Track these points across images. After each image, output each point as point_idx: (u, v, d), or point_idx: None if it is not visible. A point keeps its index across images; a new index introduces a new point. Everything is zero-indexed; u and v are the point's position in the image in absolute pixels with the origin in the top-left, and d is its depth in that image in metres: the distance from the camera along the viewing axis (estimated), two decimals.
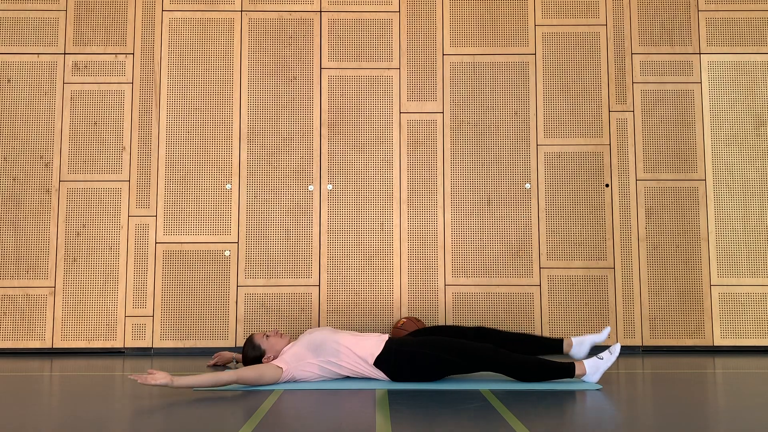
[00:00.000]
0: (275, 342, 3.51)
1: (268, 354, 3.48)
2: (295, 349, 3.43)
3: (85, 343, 4.69)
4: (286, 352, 3.43)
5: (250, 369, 3.27)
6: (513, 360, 3.37)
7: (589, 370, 3.39)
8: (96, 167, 4.82)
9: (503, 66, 4.94)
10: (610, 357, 3.41)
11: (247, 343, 3.58)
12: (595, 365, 3.39)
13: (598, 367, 3.39)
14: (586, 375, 3.39)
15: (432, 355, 3.37)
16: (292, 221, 4.81)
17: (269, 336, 3.54)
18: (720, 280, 4.78)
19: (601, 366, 3.39)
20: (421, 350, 3.39)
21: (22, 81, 4.87)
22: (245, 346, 3.58)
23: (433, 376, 3.43)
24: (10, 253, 4.75)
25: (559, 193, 4.85)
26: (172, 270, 4.75)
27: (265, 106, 4.88)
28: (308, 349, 3.42)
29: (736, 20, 4.96)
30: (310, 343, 3.44)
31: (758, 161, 4.87)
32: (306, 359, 3.40)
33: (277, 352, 3.49)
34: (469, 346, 3.39)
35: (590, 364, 3.40)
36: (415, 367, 3.39)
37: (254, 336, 3.57)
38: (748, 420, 2.68)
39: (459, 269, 4.78)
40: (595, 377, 3.39)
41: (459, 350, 3.37)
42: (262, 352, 3.50)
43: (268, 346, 3.50)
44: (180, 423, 2.64)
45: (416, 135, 4.88)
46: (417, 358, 3.38)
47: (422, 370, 3.40)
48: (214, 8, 4.94)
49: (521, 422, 2.57)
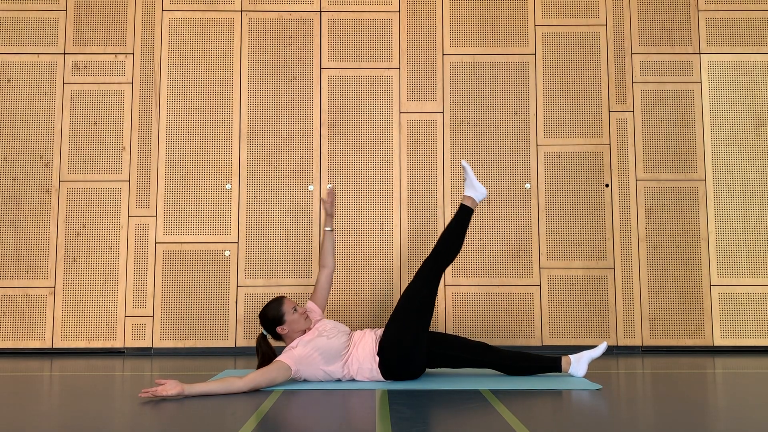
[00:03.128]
0: (297, 319, 3.46)
1: (284, 327, 3.44)
2: (307, 351, 3.37)
3: (85, 343, 4.69)
4: (297, 347, 3.38)
5: (261, 375, 3.23)
6: (501, 354, 3.56)
7: (573, 360, 3.55)
8: (96, 167, 4.82)
9: (503, 66, 4.94)
10: (596, 349, 3.56)
11: (275, 302, 3.50)
12: (578, 356, 3.56)
13: (581, 357, 3.54)
14: (571, 365, 3.53)
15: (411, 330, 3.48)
16: (292, 221, 4.81)
17: (297, 311, 3.48)
18: (720, 280, 4.78)
19: (585, 355, 3.55)
20: (400, 332, 3.48)
21: (22, 81, 4.87)
22: (272, 303, 3.50)
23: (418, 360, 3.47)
24: (10, 253, 4.75)
25: (559, 193, 4.85)
26: (172, 270, 4.75)
27: (265, 106, 4.88)
28: (320, 355, 3.39)
29: (736, 20, 4.96)
30: (323, 350, 3.39)
31: (758, 161, 4.87)
32: (316, 364, 3.39)
33: (293, 331, 3.45)
34: (461, 340, 3.58)
35: (574, 357, 3.56)
36: (407, 361, 3.45)
37: (285, 302, 3.49)
38: (748, 420, 2.68)
39: (459, 269, 4.78)
40: (580, 367, 3.52)
41: (440, 334, 3.60)
42: (282, 320, 3.44)
43: (289, 320, 3.45)
44: (180, 423, 2.64)
45: (416, 135, 4.88)
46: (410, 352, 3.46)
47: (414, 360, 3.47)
48: (214, 8, 4.94)
49: (521, 422, 2.57)
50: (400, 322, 3.50)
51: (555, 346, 4.71)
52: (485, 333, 4.71)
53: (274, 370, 3.28)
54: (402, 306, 3.55)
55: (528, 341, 4.73)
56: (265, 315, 3.49)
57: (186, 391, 3.03)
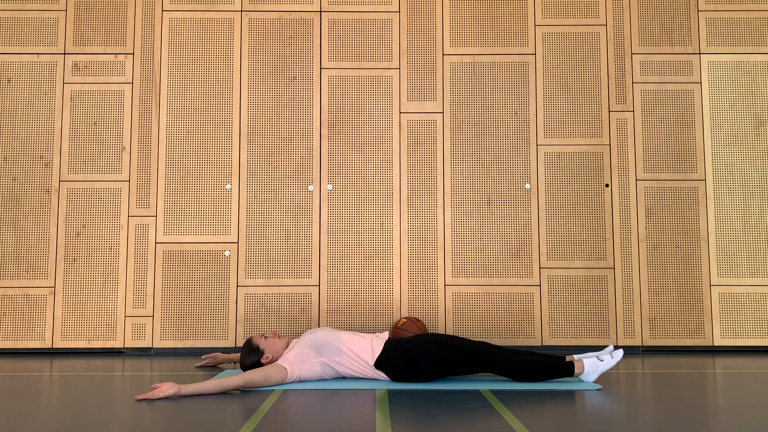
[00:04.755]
0: (273, 342, 3.50)
1: (267, 354, 3.46)
2: (297, 350, 3.42)
3: (85, 343, 4.69)
4: (288, 353, 3.42)
5: (257, 372, 3.26)
6: (513, 360, 3.38)
7: (587, 369, 3.41)
8: (96, 167, 4.82)
9: (503, 66, 4.94)
10: (610, 361, 3.42)
11: (245, 346, 3.53)
12: (594, 366, 3.41)
13: (596, 368, 3.40)
14: (584, 374, 3.40)
15: (431, 353, 3.38)
16: (292, 221, 4.81)
17: (267, 337, 3.52)
18: (720, 280, 4.78)
19: (600, 367, 3.40)
20: (421, 348, 3.40)
21: (22, 81, 4.87)
22: (243, 349, 3.54)
23: (432, 375, 3.43)
24: (10, 253, 4.75)
25: (559, 193, 4.85)
26: (172, 270, 4.75)
27: (265, 106, 4.88)
28: (311, 348, 3.42)
29: (736, 20, 4.96)
30: (312, 342, 3.44)
31: (758, 161, 4.87)
32: (309, 359, 3.40)
33: (276, 353, 3.48)
34: (469, 345, 3.41)
35: (589, 364, 3.41)
36: (413, 366, 3.39)
37: (252, 338, 3.54)
38: (748, 420, 2.68)
39: (459, 269, 4.78)
40: (593, 377, 3.40)
41: (458, 349, 3.39)
42: (261, 352, 3.48)
43: (266, 346, 3.48)
44: (180, 423, 2.64)
45: (416, 135, 4.88)
46: (416, 356, 3.39)
47: (421, 368, 3.40)
48: (214, 8, 4.94)
49: (521, 422, 2.57)
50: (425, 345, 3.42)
51: (555, 346, 4.71)
52: (485, 333, 4.71)
53: (269, 368, 3.30)
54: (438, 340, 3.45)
55: (528, 341, 4.73)
56: (245, 362, 3.49)
57: (182, 390, 3.04)
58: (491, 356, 3.38)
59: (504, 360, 3.37)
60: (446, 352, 3.38)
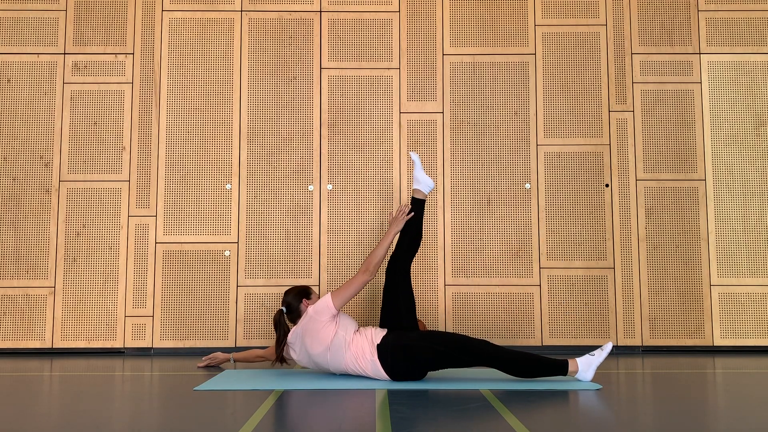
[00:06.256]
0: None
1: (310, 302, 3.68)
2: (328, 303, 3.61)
3: (85, 343, 4.69)
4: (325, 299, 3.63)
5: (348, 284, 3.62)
6: (509, 355, 3.43)
7: (581, 367, 3.44)
8: (96, 167, 4.82)
9: (503, 66, 4.94)
10: (601, 353, 3.47)
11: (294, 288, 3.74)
12: (587, 362, 3.45)
13: (590, 364, 3.44)
14: (579, 372, 3.42)
15: (428, 347, 3.41)
16: (292, 221, 4.81)
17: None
18: (720, 280, 4.78)
19: (593, 362, 3.45)
20: (418, 342, 3.45)
21: (22, 81, 4.87)
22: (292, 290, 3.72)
23: (428, 367, 3.47)
24: (10, 253, 4.75)
25: (559, 193, 4.85)
26: (172, 270, 4.75)
27: (265, 106, 4.88)
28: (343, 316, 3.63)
29: (736, 20, 4.96)
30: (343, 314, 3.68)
31: (758, 161, 4.87)
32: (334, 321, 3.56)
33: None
34: (466, 340, 3.46)
35: (583, 361, 3.45)
36: (411, 359, 3.43)
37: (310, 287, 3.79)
38: (748, 420, 2.68)
39: (459, 269, 4.78)
40: (588, 374, 3.43)
41: (455, 343, 3.43)
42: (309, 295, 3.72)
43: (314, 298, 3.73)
44: (180, 423, 2.64)
45: (416, 135, 4.88)
46: (413, 349, 3.43)
47: (418, 360, 3.43)
48: (214, 8, 4.94)
49: (521, 422, 2.57)
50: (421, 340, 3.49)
51: (555, 346, 4.71)
52: (485, 333, 4.71)
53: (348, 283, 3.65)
54: (436, 335, 3.56)
55: (528, 341, 4.73)
56: (294, 288, 3.73)
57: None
58: (487, 352, 3.43)
59: (500, 355, 3.42)
60: (443, 347, 3.43)
